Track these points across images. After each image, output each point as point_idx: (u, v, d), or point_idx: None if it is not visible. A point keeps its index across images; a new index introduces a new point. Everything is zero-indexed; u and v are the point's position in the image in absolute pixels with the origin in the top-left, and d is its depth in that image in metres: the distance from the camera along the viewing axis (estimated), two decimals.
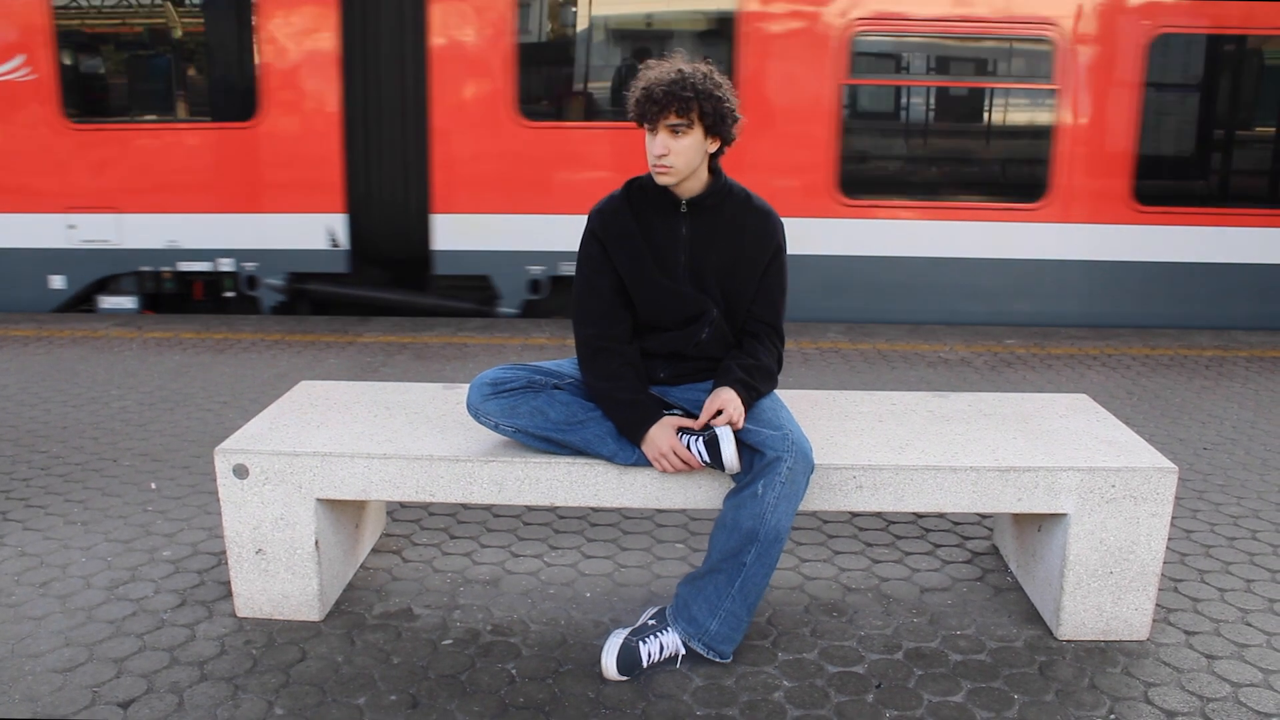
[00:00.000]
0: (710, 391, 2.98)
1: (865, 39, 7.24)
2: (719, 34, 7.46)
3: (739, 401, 2.91)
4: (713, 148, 2.95)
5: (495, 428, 3.06)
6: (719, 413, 2.90)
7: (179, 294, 7.97)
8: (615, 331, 3.04)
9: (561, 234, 7.25)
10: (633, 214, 3.03)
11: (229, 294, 7.89)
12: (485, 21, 7.28)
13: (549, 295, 7.68)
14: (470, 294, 7.92)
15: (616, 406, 3.00)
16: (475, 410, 3.06)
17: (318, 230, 7.64)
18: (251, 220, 7.69)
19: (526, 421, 3.03)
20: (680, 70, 2.86)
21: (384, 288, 8.08)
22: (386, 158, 7.66)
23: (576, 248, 3.10)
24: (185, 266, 7.78)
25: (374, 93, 7.58)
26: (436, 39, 7.28)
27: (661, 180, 2.93)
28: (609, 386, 3.00)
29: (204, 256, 7.74)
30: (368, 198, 7.69)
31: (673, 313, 3.05)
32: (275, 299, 7.83)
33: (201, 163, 7.61)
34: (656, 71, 2.88)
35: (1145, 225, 7.47)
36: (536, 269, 7.60)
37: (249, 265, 7.74)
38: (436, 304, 7.97)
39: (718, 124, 2.89)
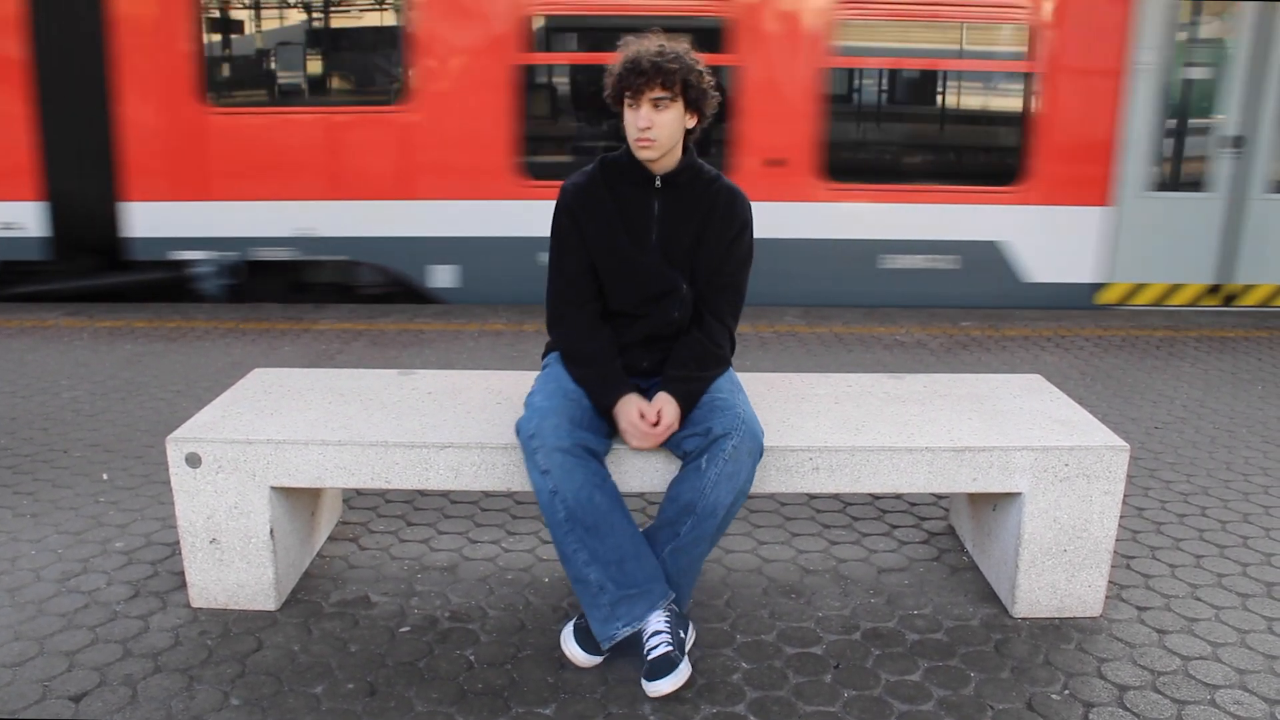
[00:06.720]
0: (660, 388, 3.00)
1: None
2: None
3: (678, 411, 2.94)
4: (691, 123, 2.97)
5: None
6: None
7: None
8: (584, 312, 3.05)
9: None
10: (606, 188, 3.03)
11: None
12: None
13: None
14: None
15: (588, 380, 3.01)
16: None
17: None
18: None
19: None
20: (663, 45, 2.89)
21: None
22: None
23: None
24: None
25: None
26: None
27: (644, 154, 2.93)
28: (583, 366, 3.03)
29: None
30: None
31: (642, 288, 3.03)
32: None
33: None
34: (639, 45, 2.89)
35: None
36: None
37: None
38: None
39: (698, 99, 2.92)
